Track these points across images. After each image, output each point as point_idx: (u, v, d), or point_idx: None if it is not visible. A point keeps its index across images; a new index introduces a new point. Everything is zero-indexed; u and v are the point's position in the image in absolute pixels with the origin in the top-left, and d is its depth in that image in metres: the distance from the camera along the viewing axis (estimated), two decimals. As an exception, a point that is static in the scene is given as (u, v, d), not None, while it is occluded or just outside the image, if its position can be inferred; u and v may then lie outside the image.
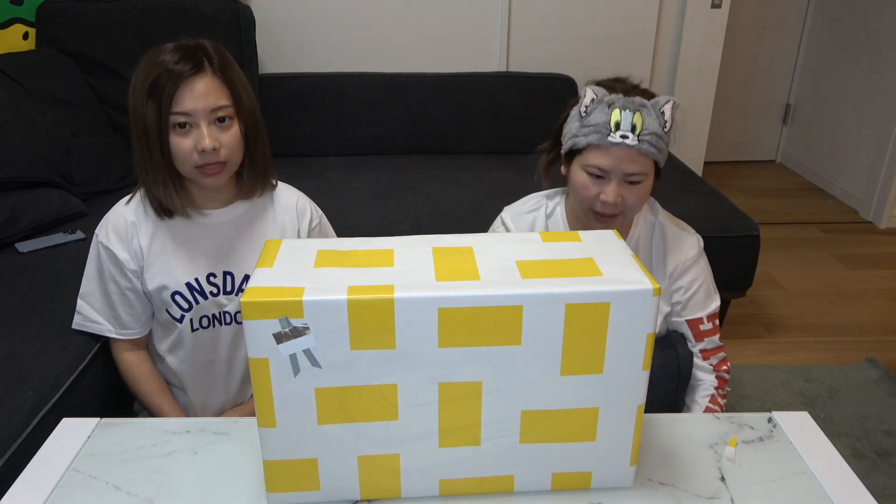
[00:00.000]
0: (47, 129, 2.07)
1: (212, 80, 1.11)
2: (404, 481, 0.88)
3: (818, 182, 3.84)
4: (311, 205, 1.35)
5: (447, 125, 2.73)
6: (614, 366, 0.82)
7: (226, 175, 1.17)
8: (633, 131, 1.09)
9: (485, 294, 0.77)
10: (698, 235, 1.29)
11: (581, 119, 1.15)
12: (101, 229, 1.24)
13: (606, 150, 1.12)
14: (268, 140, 1.24)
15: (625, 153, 1.11)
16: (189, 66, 1.09)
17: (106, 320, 1.28)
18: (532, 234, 0.94)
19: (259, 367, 0.79)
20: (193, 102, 1.09)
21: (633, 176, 1.13)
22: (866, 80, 3.44)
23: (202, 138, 1.10)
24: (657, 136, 1.11)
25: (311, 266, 0.84)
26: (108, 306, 1.26)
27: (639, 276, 0.80)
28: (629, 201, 1.15)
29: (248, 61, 2.56)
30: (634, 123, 1.10)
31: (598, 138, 1.12)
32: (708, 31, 2.99)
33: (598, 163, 1.13)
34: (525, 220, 1.30)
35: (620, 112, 1.10)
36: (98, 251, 1.24)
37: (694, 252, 1.26)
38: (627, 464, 0.89)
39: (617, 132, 1.10)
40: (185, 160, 1.12)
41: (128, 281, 1.23)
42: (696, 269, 1.27)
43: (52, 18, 2.42)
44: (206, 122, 1.11)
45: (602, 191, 1.14)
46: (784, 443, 1.01)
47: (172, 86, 1.08)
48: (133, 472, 0.94)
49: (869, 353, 2.32)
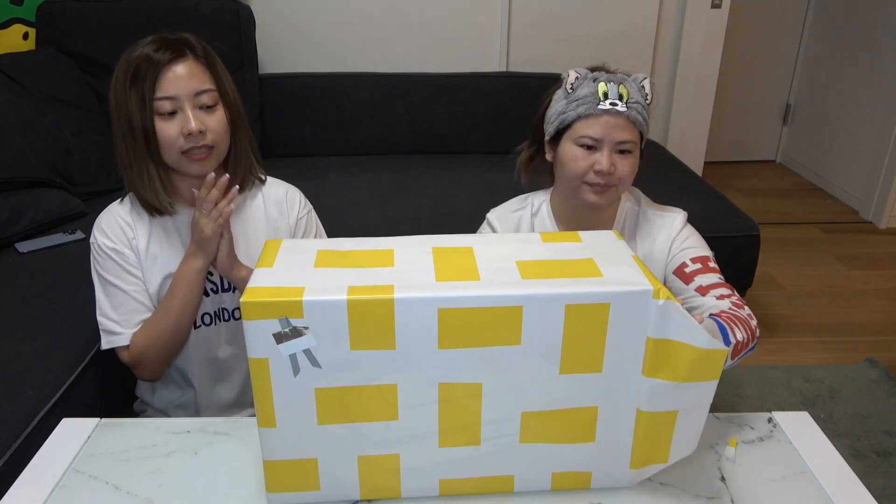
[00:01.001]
0: (47, 129, 2.07)
1: (194, 64, 1.11)
2: (404, 481, 0.88)
3: (818, 182, 3.84)
4: (301, 196, 1.35)
5: (447, 125, 2.73)
6: (614, 366, 0.82)
7: (213, 161, 1.16)
8: (621, 100, 1.14)
9: (485, 295, 0.77)
10: (683, 211, 1.28)
11: (568, 96, 1.18)
12: (97, 231, 1.22)
13: (597, 119, 1.15)
14: (252, 134, 1.24)
15: (615, 120, 1.14)
16: (169, 53, 1.09)
17: (123, 327, 1.22)
18: (532, 234, 0.94)
19: (259, 367, 0.79)
20: (177, 85, 1.09)
21: (624, 144, 1.15)
22: (866, 80, 3.44)
23: (188, 121, 1.10)
24: (641, 106, 1.16)
25: (311, 266, 0.84)
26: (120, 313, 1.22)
27: (639, 277, 0.80)
28: (620, 171, 1.16)
29: (248, 61, 2.56)
30: (621, 93, 1.14)
31: (587, 108, 1.15)
32: (708, 31, 2.99)
33: (589, 132, 1.15)
34: (511, 219, 1.30)
35: (607, 84, 1.15)
36: (96, 256, 1.22)
37: (678, 226, 1.25)
38: (627, 464, 0.89)
39: (606, 101, 1.14)
40: (172, 146, 1.12)
41: (131, 276, 1.21)
42: (683, 236, 1.25)
43: (52, 18, 2.42)
44: (191, 106, 1.11)
45: (595, 161, 1.16)
46: (784, 443, 1.01)
47: (154, 71, 1.08)
48: (133, 472, 0.94)
49: (869, 353, 2.32)
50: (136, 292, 1.22)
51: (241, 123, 1.21)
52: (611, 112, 1.13)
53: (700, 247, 1.25)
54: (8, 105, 2.00)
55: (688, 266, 1.22)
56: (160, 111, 1.10)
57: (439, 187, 2.38)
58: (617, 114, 1.13)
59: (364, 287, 0.77)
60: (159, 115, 1.10)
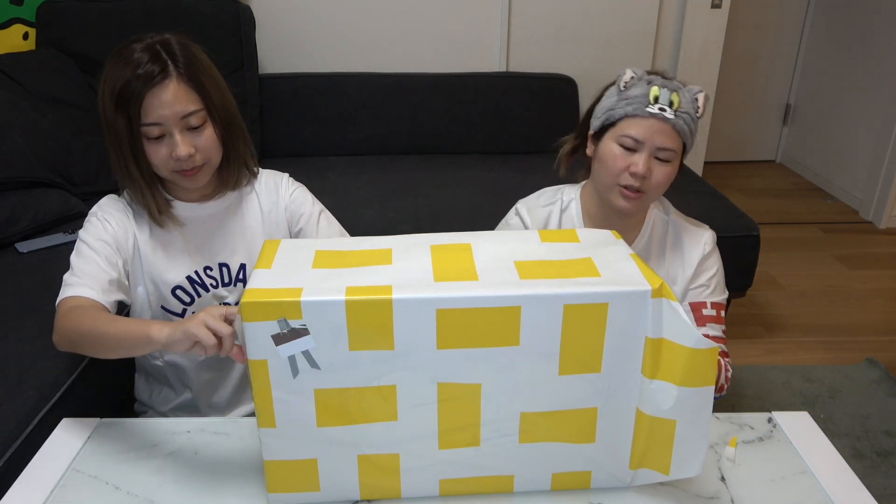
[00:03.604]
0: (47, 129, 2.07)
1: (177, 86, 1.09)
2: (404, 481, 0.88)
3: (818, 182, 3.84)
4: (286, 178, 1.33)
5: (447, 125, 2.73)
6: (613, 366, 0.82)
7: (206, 175, 1.17)
8: (671, 106, 1.13)
9: (483, 295, 0.77)
10: (712, 231, 1.30)
11: (620, 93, 1.18)
12: (96, 207, 1.22)
13: (643, 120, 1.14)
14: (245, 129, 1.22)
15: (660, 126, 1.13)
16: (154, 72, 1.06)
17: (80, 280, 1.12)
18: (531, 234, 0.94)
19: (258, 368, 0.79)
20: (162, 111, 1.08)
21: (664, 152, 1.15)
22: (866, 80, 3.44)
23: (175, 146, 1.09)
24: (690, 118, 1.15)
25: (309, 266, 0.84)
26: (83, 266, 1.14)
27: (637, 277, 0.80)
28: (655, 179, 1.16)
29: (248, 61, 2.56)
30: (672, 100, 1.13)
31: (635, 108, 1.15)
32: (708, 31, 2.99)
33: (632, 132, 1.15)
34: (541, 213, 1.30)
35: (660, 88, 1.14)
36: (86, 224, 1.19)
37: (710, 247, 1.27)
38: (627, 464, 0.89)
39: (655, 104, 1.14)
40: (162, 166, 1.12)
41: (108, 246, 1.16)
42: (711, 262, 1.28)
43: (52, 18, 2.42)
44: (179, 129, 1.10)
45: (632, 162, 1.15)
46: (784, 443, 1.01)
47: (139, 96, 1.06)
48: (133, 472, 0.94)
49: (869, 353, 2.31)
50: (109, 256, 1.15)
51: (235, 129, 1.19)
52: (657, 116, 1.13)
53: (720, 286, 1.29)
54: (8, 105, 2.00)
55: (706, 308, 1.26)
56: (148, 136, 1.09)
57: (439, 187, 2.38)
58: (664, 119, 1.13)
59: (362, 287, 0.77)
60: (147, 139, 1.10)
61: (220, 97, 1.15)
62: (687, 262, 1.27)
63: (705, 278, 1.27)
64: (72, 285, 1.11)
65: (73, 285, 1.11)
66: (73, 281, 1.12)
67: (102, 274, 1.14)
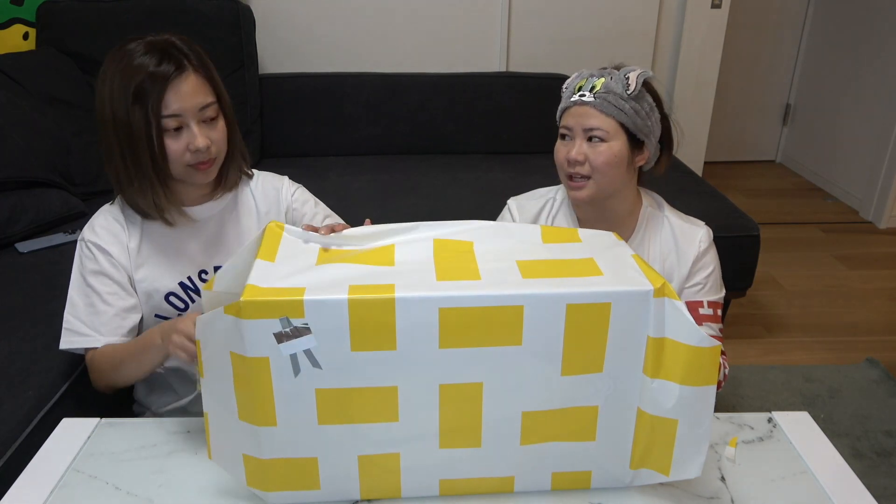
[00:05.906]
0: (47, 129, 2.07)
1: (195, 79, 1.11)
2: (404, 481, 0.88)
3: (818, 182, 3.84)
4: (286, 181, 1.34)
5: (447, 125, 2.73)
6: (615, 365, 0.82)
7: (215, 170, 1.18)
8: (592, 90, 1.19)
9: (485, 294, 0.77)
10: (707, 227, 1.29)
11: (562, 94, 1.26)
12: (87, 229, 1.21)
13: (570, 110, 1.22)
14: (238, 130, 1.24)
15: (582, 110, 1.19)
16: (171, 68, 1.08)
17: (92, 330, 1.18)
18: (533, 234, 0.94)
19: (259, 366, 0.79)
20: (182, 103, 1.09)
21: (593, 132, 1.18)
22: (866, 80, 3.44)
23: (194, 138, 1.11)
24: (616, 95, 1.18)
25: (312, 263, 0.84)
26: (92, 313, 1.19)
27: (639, 277, 0.80)
28: (595, 160, 1.18)
29: (248, 61, 2.56)
30: (594, 85, 1.19)
31: (565, 102, 1.23)
32: (708, 31, 2.99)
33: (564, 123, 1.23)
34: (530, 207, 1.33)
35: (587, 79, 1.22)
36: (82, 253, 1.20)
37: (705, 245, 1.27)
38: (627, 463, 0.89)
39: (577, 93, 1.21)
40: (178, 160, 1.12)
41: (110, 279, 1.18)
42: (707, 260, 1.28)
43: (52, 18, 2.42)
44: (196, 121, 1.11)
45: (568, 150, 1.21)
46: (784, 443, 1.01)
47: (160, 89, 1.07)
48: (133, 472, 0.94)
49: (869, 353, 2.32)
50: (110, 294, 1.18)
51: (234, 126, 1.21)
52: (578, 102, 1.20)
53: (717, 284, 1.29)
54: (8, 105, 2.00)
55: (703, 307, 1.27)
56: (166, 128, 1.10)
57: (439, 187, 2.38)
58: (583, 103, 1.19)
59: (365, 286, 0.77)
60: (165, 132, 1.10)
61: (225, 94, 1.18)
62: (682, 260, 1.27)
63: (701, 276, 1.26)
64: (86, 335, 1.17)
65: (86, 335, 1.17)
66: (85, 331, 1.17)
67: (110, 310, 1.18)
